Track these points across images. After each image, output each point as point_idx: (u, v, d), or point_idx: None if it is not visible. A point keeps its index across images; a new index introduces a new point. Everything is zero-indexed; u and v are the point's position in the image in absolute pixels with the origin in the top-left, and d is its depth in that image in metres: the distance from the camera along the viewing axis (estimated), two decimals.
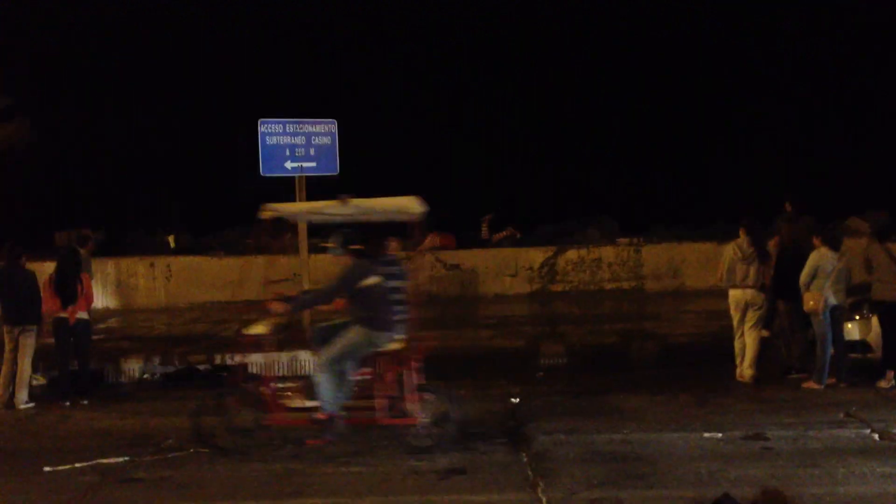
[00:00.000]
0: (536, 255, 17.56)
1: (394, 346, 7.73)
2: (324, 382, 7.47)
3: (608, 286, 17.43)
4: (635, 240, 17.91)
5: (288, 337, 9.21)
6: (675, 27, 27.38)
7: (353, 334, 7.56)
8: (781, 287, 10.49)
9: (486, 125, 26.35)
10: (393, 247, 9.47)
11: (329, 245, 8.03)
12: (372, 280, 7.73)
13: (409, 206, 8.20)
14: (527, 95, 27.31)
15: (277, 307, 7.80)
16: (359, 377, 7.70)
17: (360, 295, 7.64)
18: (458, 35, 27.47)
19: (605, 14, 27.61)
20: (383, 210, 8.45)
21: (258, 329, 8.12)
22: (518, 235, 18.65)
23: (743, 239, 10.22)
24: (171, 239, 18.50)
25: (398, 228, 9.11)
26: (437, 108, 26.20)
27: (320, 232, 18.49)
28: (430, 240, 17.88)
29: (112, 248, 18.14)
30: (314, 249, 15.91)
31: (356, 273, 7.73)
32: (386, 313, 7.75)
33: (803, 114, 25.53)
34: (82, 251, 11.34)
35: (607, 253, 17.54)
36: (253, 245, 18.92)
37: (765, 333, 10.73)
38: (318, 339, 7.79)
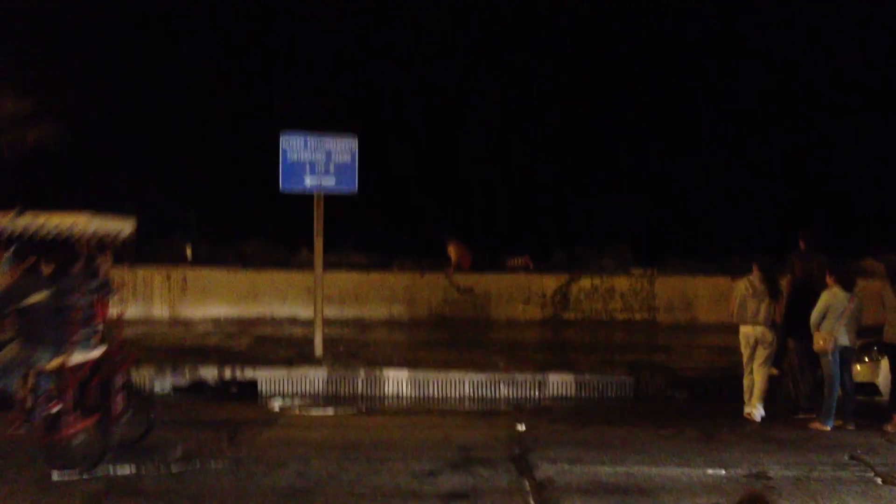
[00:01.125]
0: (550, 283, 17.60)
1: (56, 363, 7.64)
2: None
3: (620, 316, 17.43)
4: (649, 271, 17.91)
5: None
6: (694, 62, 27.49)
7: (8, 351, 7.59)
8: (792, 325, 10.50)
9: (504, 151, 26.45)
10: (100, 262, 8.99)
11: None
12: (37, 297, 7.68)
13: (82, 222, 8.04)
14: (546, 123, 27.40)
15: None
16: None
17: (24, 312, 7.63)
18: (473, 57, 27.63)
19: (625, 50, 27.73)
20: (67, 227, 8.06)
21: None
22: (531, 266, 18.67)
23: (755, 275, 10.24)
24: (188, 249, 18.64)
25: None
26: (455, 131, 26.35)
27: (335, 249, 18.70)
28: (454, 249, 17.99)
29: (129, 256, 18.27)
30: (329, 266, 16.05)
31: (16, 290, 7.70)
32: (49, 330, 7.70)
33: (820, 152, 25.50)
34: (99, 258, 11.43)
35: (620, 283, 17.55)
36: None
37: (774, 371, 10.73)
38: None
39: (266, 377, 11.83)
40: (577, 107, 27.30)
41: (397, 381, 11.83)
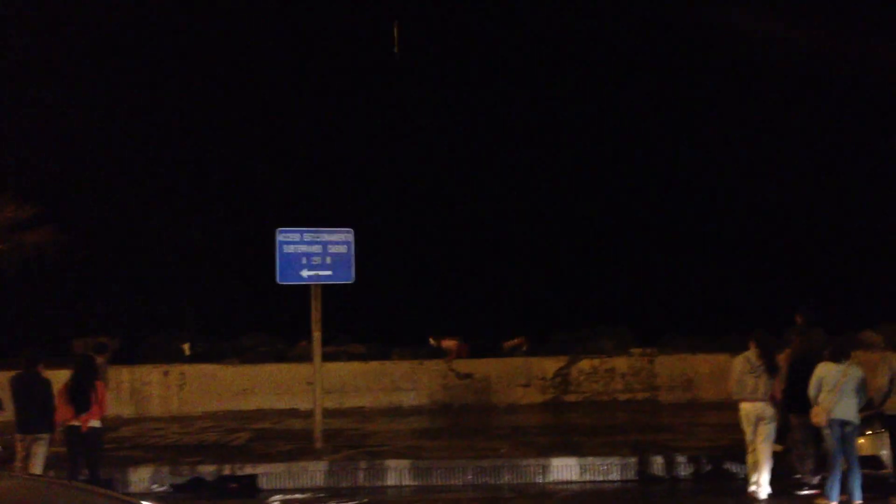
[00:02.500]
0: (549, 365, 17.56)
1: None
2: None
3: (622, 397, 17.35)
4: (648, 350, 17.90)
5: None
6: (684, 138, 27.95)
7: None
8: (793, 400, 10.48)
9: (500, 234, 26.71)
10: None
11: None
12: None
13: None
14: (540, 206, 27.74)
15: None
16: None
17: None
18: (464, 146, 28.12)
19: (614, 126, 28.22)
20: None
21: None
22: (525, 347, 18.66)
23: (752, 351, 10.25)
24: (186, 347, 18.61)
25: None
26: (450, 216, 26.64)
27: (333, 341, 18.71)
28: (453, 345, 18.01)
29: (128, 354, 18.29)
30: (328, 357, 16.03)
31: None
32: None
33: (816, 227, 25.75)
34: (99, 359, 11.50)
35: (620, 363, 17.52)
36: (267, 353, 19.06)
37: (778, 448, 10.66)
38: None
39: (266, 472, 11.71)
40: (571, 187, 27.65)
41: (399, 472, 11.71)
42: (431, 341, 18.49)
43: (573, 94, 28.44)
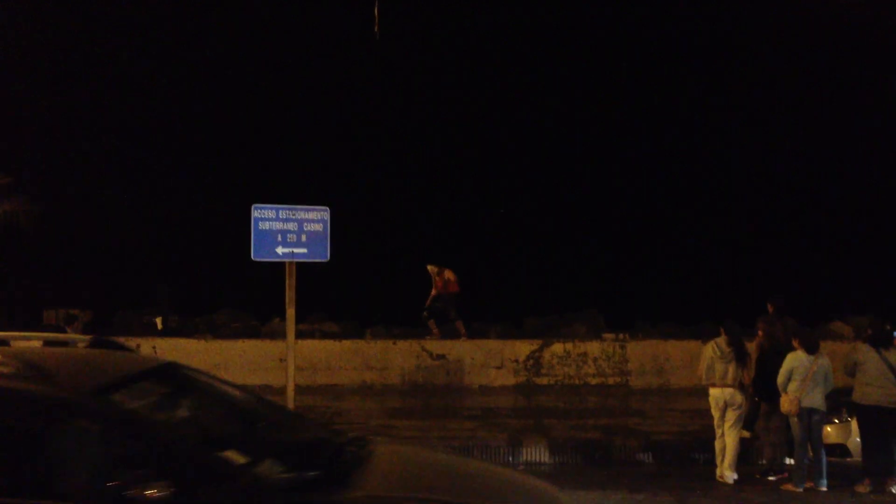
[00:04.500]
0: (522, 348, 17.62)
1: None
2: None
3: (593, 381, 17.45)
4: (621, 335, 18.01)
5: None
6: (663, 125, 28.07)
7: None
8: (762, 388, 10.62)
9: (474, 217, 26.77)
10: None
11: None
12: None
13: None
14: (515, 192, 27.80)
15: None
16: None
17: None
18: (441, 127, 28.08)
19: (594, 117, 28.29)
20: None
21: None
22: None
23: (722, 338, 10.38)
24: (158, 321, 18.52)
25: None
26: (424, 201, 26.66)
27: (308, 317, 18.69)
28: (448, 274, 17.93)
29: (98, 328, 18.16)
30: (301, 334, 16.00)
31: None
32: None
33: (789, 218, 26.01)
34: (68, 329, 11.39)
35: (593, 348, 17.61)
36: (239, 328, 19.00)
37: (745, 434, 10.81)
38: None
39: None
40: (546, 175, 27.70)
41: None
42: (430, 268, 18.19)
43: (546, 83, 28.46)
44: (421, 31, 26.87)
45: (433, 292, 18.01)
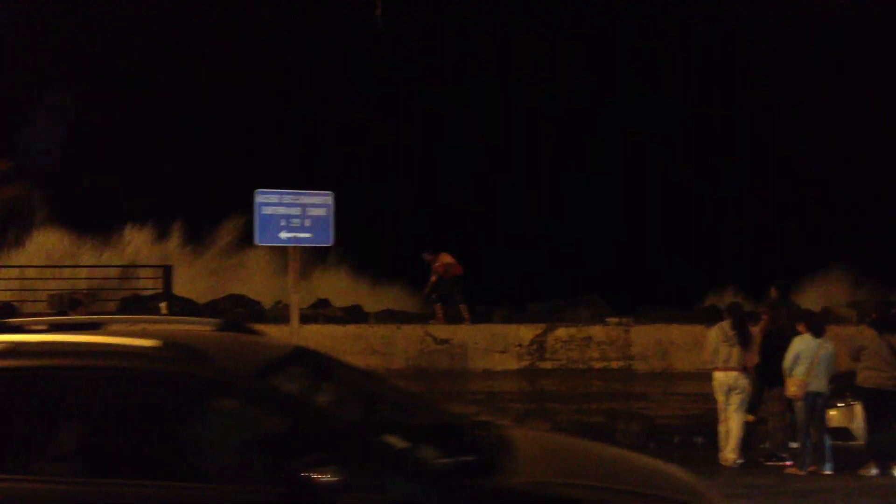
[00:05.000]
0: (526, 333, 17.60)
1: None
2: None
3: (597, 365, 17.44)
4: (624, 319, 17.98)
5: None
6: (663, 110, 27.98)
7: None
8: (766, 372, 10.63)
9: (478, 202, 26.70)
10: None
11: None
12: None
13: None
14: (517, 177, 27.72)
15: None
16: None
17: None
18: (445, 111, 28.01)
19: (589, 98, 28.19)
20: None
21: None
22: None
23: (727, 322, 10.38)
24: (163, 306, 18.50)
25: None
26: (428, 184, 26.60)
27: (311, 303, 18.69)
28: (446, 257, 17.95)
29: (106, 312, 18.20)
30: (305, 319, 16.00)
31: None
32: None
33: (795, 196, 25.94)
34: (70, 314, 11.42)
35: (597, 332, 17.58)
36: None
37: (749, 418, 10.82)
38: None
39: None
40: (547, 159, 27.62)
41: None
42: (426, 257, 18.20)
43: (547, 65, 28.36)
44: (424, 17, 26.84)
45: (433, 278, 18.00)
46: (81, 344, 4.83)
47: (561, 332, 17.55)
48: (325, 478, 4.09)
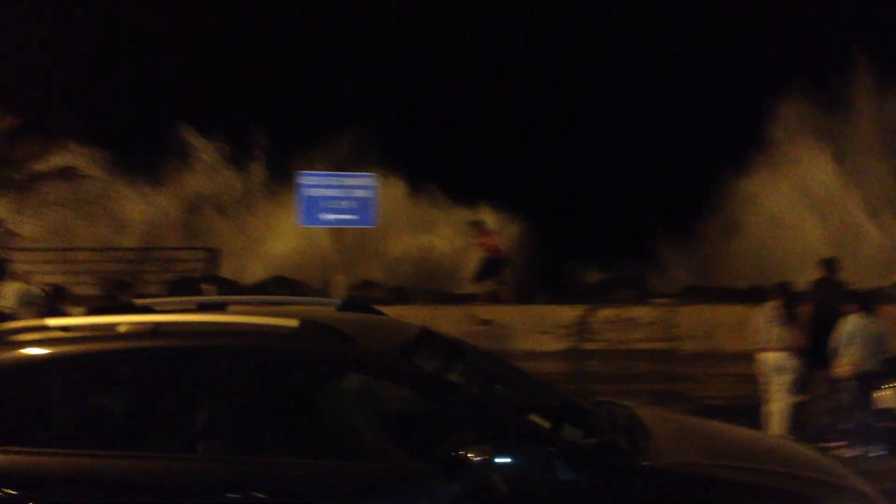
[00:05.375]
0: (569, 313, 17.53)
1: None
2: None
3: (641, 346, 17.33)
4: (669, 300, 17.86)
5: None
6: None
7: None
8: (815, 352, 10.48)
9: (520, 178, 26.54)
10: None
11: None
12: None
13: None
14: (565, 152, 27.53)
15: None
16: None
17: None
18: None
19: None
20: None
21: None
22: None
23: (774, 302, 10.26)
24: (208, 288, 18.70)
25: None
26: (468, 164, 26.51)
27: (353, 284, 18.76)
28: (492, 237, 18.03)
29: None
30: None
31: None
32: None
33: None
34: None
35: (641, 312, 17.46)
36: None
37: (798, 399, 10.70)
38: None
39: None
40: (599, 142, 27.38)
41: None
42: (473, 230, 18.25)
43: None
44: None
45: (484, 255, 18.05)
46: (224, 324, 4.88)
47: (605, 312, 17.47)
48: (479, 456, 4.08)
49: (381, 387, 5.07)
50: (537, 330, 17.43)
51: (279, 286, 19.73)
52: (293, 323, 4.66)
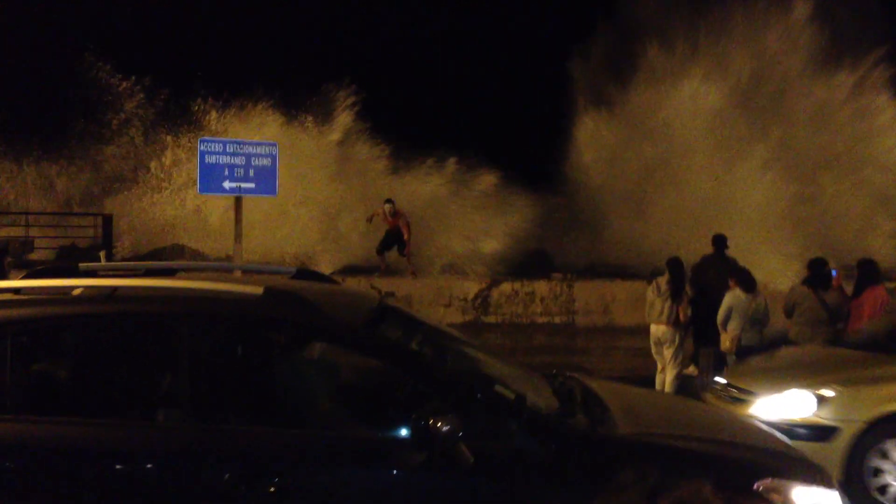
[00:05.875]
0: (471, 286, 17.72)
1: None
2: None
3: (540, 320, 17.65)
4: (568, 275, 18.21)
5: None
6: None
7: None
8: (701, 327, 10.86)
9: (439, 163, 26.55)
10: None
11: None
12: None
13: None
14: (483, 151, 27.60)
15: None
16: None
17: None
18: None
19: None
20: None
21: None
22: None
23: (664, 277, 10.56)
24: (102, 255, 18.23)
25: None
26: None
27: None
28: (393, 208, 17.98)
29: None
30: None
31: None
32: None
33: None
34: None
35: (540, 287, 17.76)
36: None
37: (691, 370, 11.10)
38: None
39: None
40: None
41: None
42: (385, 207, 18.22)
43: None
44: None
45: (388, 228, 18.08)
46: (186, 290, 4.71)
47: (505, 286, 17.72)
48: (447, 426, 4.06)
49: (338, 357, 5.02)
50: (439, 303, 17.56)
51: (176, 255, 19.40)
52: (257, 290, 4.55)
